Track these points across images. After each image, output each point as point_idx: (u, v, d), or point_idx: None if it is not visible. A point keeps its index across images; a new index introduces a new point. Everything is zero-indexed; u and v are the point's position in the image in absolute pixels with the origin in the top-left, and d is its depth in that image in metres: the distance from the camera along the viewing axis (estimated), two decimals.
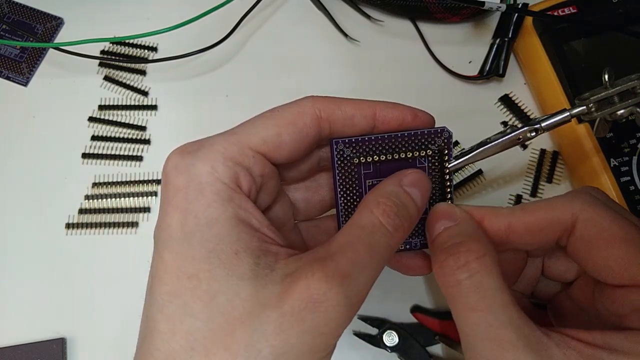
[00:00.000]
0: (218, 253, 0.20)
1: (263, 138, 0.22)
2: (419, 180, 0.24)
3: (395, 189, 0.24)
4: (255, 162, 0.22)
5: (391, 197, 0.23)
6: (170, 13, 0.40)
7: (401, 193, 0.23)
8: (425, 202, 0.25)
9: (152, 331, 0.20)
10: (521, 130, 0.26)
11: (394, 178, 0.24)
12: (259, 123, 0.23)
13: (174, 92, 0.41)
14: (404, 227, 0.23)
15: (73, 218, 0.39)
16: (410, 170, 0.25)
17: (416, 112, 0.25)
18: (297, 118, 0.23)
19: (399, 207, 0.23)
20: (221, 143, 0.22)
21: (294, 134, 0.23)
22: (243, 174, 0.22)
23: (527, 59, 0.39)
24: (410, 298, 0.36)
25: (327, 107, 0.23)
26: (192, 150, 0.22)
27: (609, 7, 0.37)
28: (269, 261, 0.21)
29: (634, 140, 0.35)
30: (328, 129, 0.24)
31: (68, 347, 0.36)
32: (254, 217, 0.22)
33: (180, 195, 0.21)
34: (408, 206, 0.23)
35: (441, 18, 0.41)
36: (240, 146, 0.22)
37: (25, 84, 0.42)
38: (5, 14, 0.43)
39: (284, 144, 0.23)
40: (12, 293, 0.37)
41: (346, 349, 0.36)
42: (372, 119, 0.24)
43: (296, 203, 0.27)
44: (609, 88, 0.27)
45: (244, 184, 0.22)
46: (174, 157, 0.22)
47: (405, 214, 0.23)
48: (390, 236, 0.22)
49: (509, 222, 0.24)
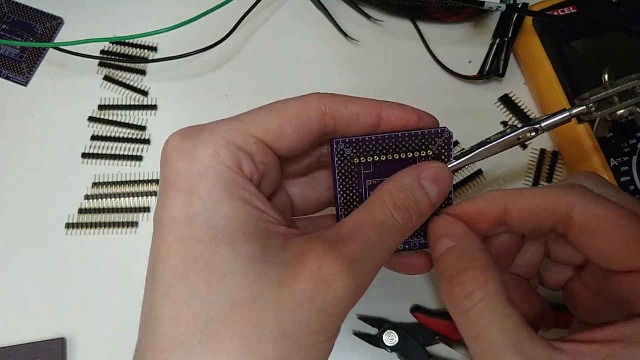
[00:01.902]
0: (225, 234, 0.20)
1: (266, 127, 0.22)
2: (439, 176, 0.24)
3: (411, 181, 0.24)
4: (257, 149, 0.22)
5: (405, 190, 0.23)
6: (170, 13, 0.40)
7: (416, 187, 0.23)
8: (443, 198, 0.25)
9: (157, 316, 0.20)
10: (521, 130, 0.26)
11: (414, 169, 0.24)
12: (263, 113, 0.23)
13: (174, 92, 0.41)
14: (413, 222, 0.23)
15: (73, 218, 0.39)
16: (433, 163, 0.25)
17: (421, 114, 0.25)
18: (301, 112, 0.23)
19: (411, 202, 0.23)
20: (223, 128, 0.22)
21: (298, 126, 0.23)
22: (245, 159, 0.21)
23: (527, 59, 0.39)
24: (410, 298, 0.36)
25: (332, 104, 0.23)
26: (193, 134, 0.21)
27: (609, 7, 0.37)
28: (278, 242, 0.21)
29: (634, 140, 0.35)
30: (333, 126, 0.24)
31: (68, 347, 0.36)
32: (259, 200, 0.21)
33: (183, 177, 0.21)
34: (420, 202, 0.23)
35: (441, 18, 0.41)
36: (242, 133, 0.22)
37: (25, 84, 0.42)
38: (5, 14, 0.43)
39: (287, 136, 0.23)
40: (12, 293, 0.37)
41: (346, 349, 0.36)
42: (377, 118, 0.24)
43: (293, 198, 0.27)
44: (609, 88, 0.27)
45: (247, 169, 0.21)
46: (174, 140, 0.22)
47: (415, 210, 0.23)
48: (400, 229, 0.22)
49: (505, 205, 0.24)
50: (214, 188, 0.20)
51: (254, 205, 0.21)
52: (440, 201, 0.24)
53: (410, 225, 0.23)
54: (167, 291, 0.20)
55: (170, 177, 0.21)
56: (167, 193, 0.21)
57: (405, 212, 0.23)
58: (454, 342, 0.34)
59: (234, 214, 0.20)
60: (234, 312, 0.19)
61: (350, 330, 0.36)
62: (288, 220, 0.27)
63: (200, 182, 0.20)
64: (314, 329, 0.19)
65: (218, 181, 0.20)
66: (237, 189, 0.21)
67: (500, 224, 0.25)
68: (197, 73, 0.42)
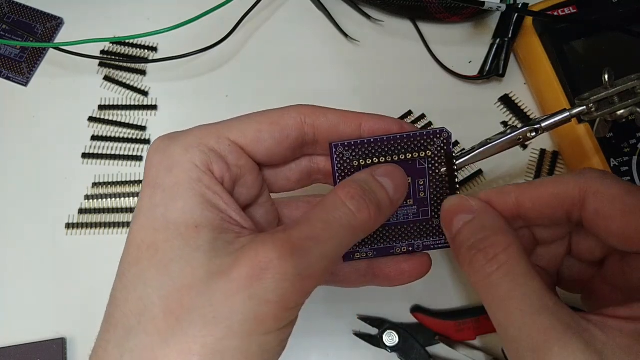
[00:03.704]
0: (178, 225, 0.21)
1: (242, 131, 0.23)
2: (391, 172, 0.25)
3: (365, 176, 0.24)
4: (230, 151, 0.23)
5: (359, 182, 0.23)
6: (170, 13, 0.40)
7: (370, 180, 0.24)
8: (400, 195, 0.25)
9: (110, 299, 0.21)
10: (521, 130, 0.26)
11: (367, 169, 0.25)
12: (242, 119, 0.24)
13: (174, 92, 0.41)
14: (370, 211, 0.23)
15: (73, 218, 0.39)
16: (384, 164, 0.25)
17: (403, 124, 0.26)
18: (279, 119, 0.24)
19: (365, 192, 0.23)
20: (200, 130, 0.23)
21: (274, 132, 0.24)
22: (216, 160, 0.22)
23: (527, 59, 0.39)
24: (410, 298, 0.36)
25: (312, 114, 0.24)
26: (173, 136, 0.23)
27: (609, 7, 0.37)
28: (228, 237, 0.21)
29: (634, 140, 0.35)
30: (312, 134, 0.24)
31: (68, 347, 0.36)
32: (222, 199, 0.22)
33: (153, 171, 0.22)
34: (377, 192, 0.23)
35: (441, 18, 0.41)
36: (217, 135, 0.23)
37: (25, 84, 0.42)
38: (5, 14, 0.43)
39: (263, 140, 0.23)
40: (12, 293, 0.37)
41: (346, 349, 0.36)
42: (356, 128, 0.25)
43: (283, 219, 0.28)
44: (609, 88, 0.27)
45: (217, 169, 0.22)
46: (155, 142, 0.23)
47: (372, 199, 0.23)
48: (352, 215, 0.22)
49: (517, 197, 0.24)
50: (177, 183, 0.21)
51: (213, 204, 0.22)
52: (399, 196, 0.25)
53: (367, 214, 0.23)
54: (121, 276, 0.21)
55: (145, 172, 0.23)
56: (142, 187, 0.23)
57: (359, 199, 0.22)
58: (454, 342, 0.35)
59: (189, 208, 0.21)
60: (171, 297, 0.20)
61: (350, 330, 0.36)
62: None
63: (165, 176, 0.22)
64: (250, 316, 0.19)
65: (182, 177, 0.22)
66: (199, 186, 0.22)
67: (514, 218, 0.25)
68: (197, 73, 0.42)
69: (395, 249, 0.27)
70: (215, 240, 0.21)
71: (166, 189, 0.21)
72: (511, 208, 0.25)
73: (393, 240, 0.26)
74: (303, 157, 0.26)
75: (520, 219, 0.25)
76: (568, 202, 0.24)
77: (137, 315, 0.20)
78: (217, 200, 0.22)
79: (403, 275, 0.27)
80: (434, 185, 0.26)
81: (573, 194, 0.24)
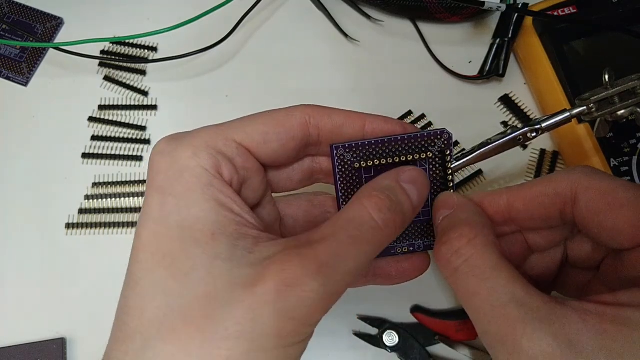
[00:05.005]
0: (194, 233, 0.20)
1: (248, 133, 0.23)
2: (417, 178, 0.24)
3: (391, 183, 0.23)
4: (238, 154, 0.23)
5: (386, 191, 0.23)
6: (170, 13, 0.40)
7: (397, 188, 0.23)
8: (422, 201, 0.24)
9: (123, 308, 0.21)
10: (522, 130, 0.26)
11: (392, 173, 0.24)
12: (247, 120, 0.24)
13: (174, 92, 0.41)
14: (396, 224, 0.22)
15: (73, 218, 0.39)
16: (409, 167, 0.25)
17: (406, 126, 0.26)
18: (285, 119, 0.24)
19: (393, 203, 0.22)
20: (206, 132, 0.23)
21: (280, 133, 0.23)
22: (225, 163, 0.22)
23: (527, 59, 0.39)
24: (410, 298, 0.36)
25: (316, 114, 0.24)
26: (178, 138, 0.22)
27: (609, 7, 0.37)
28: (247, 244, 0.21)
29: (634, 140, 0.35)
30: (317, 136, 0.24)
31: (68, 347, 0.36)
32: (235, 202, 0.22)
33: (161, 177, 0.21)
34: (402, 202, 0.23)
35: (441, 18, 0.41)
36: (224, 137, 0.22)
37: (25, 84, 0.42)
38: (5, 14, 0.43)
39: (269, 142, 0.23)
40: (12, 293, 0.37)
41: (346, 349, 0.36)
42: (360, 129, 0.25)
43: (285, 219, 0.27)
44: (609, 88, 0.27)
45: (226, 172, 0.22)
46: (160, 144, 0.22)
47: (398, 210, 0.22)
48: (379, 231, 0.22)
49: (508, 199, 0.24)
50: (189, 189, 0.21)
51: (227, 207, 0.21)
52: (420, 204, 0.24)
53: (393, 227, 0.22)
54: (135, 284, 0.21)
55: (151, 177, 0.22)
56: (148, 192, 0.22)
57: (387, 212, 0.22)
58: (454, 342, 0.35)
59: (204, 214, 0.21)
60: (192, 307, 0.19)
61: (350, 330, 0.36)
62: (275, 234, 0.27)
63: (176, 182, 0.21)
64: (273, 332, 0.19)
65: (193, 182, 0.21)
66: (211, 190, 0.21)
67: (506, 221, 0.25)
68: (197, 73, 0.42)
69: (397, 249, 0.27)
70: (233, 247, 0.20)
71: (177, 195, 0.21)
72: (503, 210, 0.25)
73: (394, 241, 0.26)
74: (306, 158, 0.26)
75: (513, 222, 0.25)
76: (560, 201, 0.24)
77: (155, 324, 0.19)
78: (230, 204, 0.21)
79: (404, 273, 0.27)
80: (435, 185, 0.26)
81: (564, 191, 0.23)
